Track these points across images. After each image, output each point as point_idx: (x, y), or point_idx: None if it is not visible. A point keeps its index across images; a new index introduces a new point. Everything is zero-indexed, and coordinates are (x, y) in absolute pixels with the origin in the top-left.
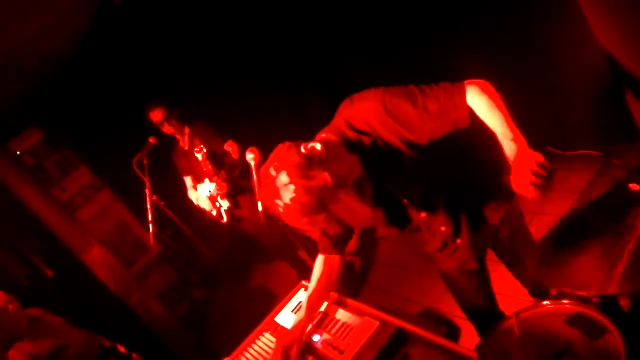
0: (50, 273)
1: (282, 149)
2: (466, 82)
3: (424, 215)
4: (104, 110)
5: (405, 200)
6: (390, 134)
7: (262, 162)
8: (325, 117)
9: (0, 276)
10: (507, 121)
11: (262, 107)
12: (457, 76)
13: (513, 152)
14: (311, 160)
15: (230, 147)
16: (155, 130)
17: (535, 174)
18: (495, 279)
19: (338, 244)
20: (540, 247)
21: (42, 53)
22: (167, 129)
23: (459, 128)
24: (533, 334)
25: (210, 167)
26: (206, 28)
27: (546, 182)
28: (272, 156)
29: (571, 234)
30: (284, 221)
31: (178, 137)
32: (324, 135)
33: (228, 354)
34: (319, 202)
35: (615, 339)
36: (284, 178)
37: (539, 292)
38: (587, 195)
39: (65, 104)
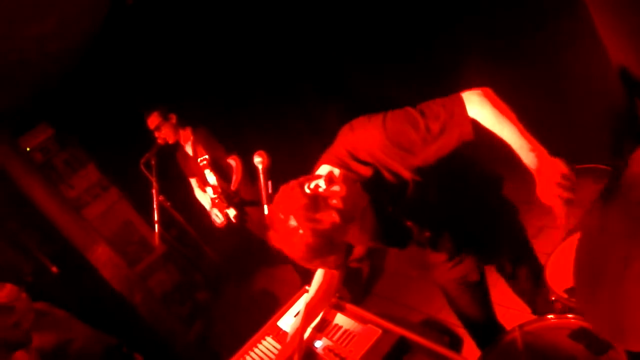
0: (54, 269)
1: (287, 191)
2: (462, 93)
3: (428, 234)
4: (114, 109)
5: (410, 223)
6: (395, 162)
7: (269, 165)
8: (334, 122)
9: (5, 271)
10: (518, 130)
11: (271, 111)
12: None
13: (534, 163)
14: (316, 200)
15: (234, 161)
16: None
17: (561, 185)
18: (498, 291)
19: (337, 266)
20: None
21: (54, 51)
22: (160, 136)
23: (465, 141)
24: (536, 347)
25: (215, 184)
26: (217, 32)
27: (572, 193)
28: (277, 198)
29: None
30: (297, 263)
31: (181, 142)
32: (325, 166)
33: (229, 356)
34: (328, 243)
35: (618, 355)
36: (292, 222)
37: (541, 311)
38: (593, 210)
39: (76, 102)
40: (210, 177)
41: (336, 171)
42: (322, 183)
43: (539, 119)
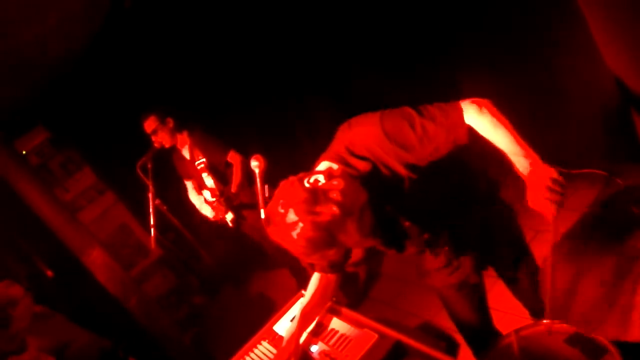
0: (49, 273)
1: (286, 185)
2: (461, 101)
3: (426, 236)
4: (110, 112)
5: (407, 223)
6: (391, 158)
7: (266, 169)
8: (332, 126)
9: (0, 275)
10: (513, 137)
11: (268, 114)
12: (465, 94)
13: (526, 168)
14: (316, 194)
15: (233, 160)
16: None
17: (550, 190)
18: (494, 295)
19: (335, 267)
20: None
21: (51, 54)
22: (156, 140)
23: (458, 145)
24: (532, 352)
25: (213, 187)
26: (215, 35)
27: (561, 197)
28: (276, 193)
29: (573, 256)
30: (297, 257)
31: (178, 146)
32: (324, 162)
33: None
34: (328, 236)
35: None
36: (292, 215)
37: (539, 313)
38: (588, 215)
39: (72, 105)
40: (208, 181)
41: (335, 167)
42: (321, 178)
43: (534, 124)
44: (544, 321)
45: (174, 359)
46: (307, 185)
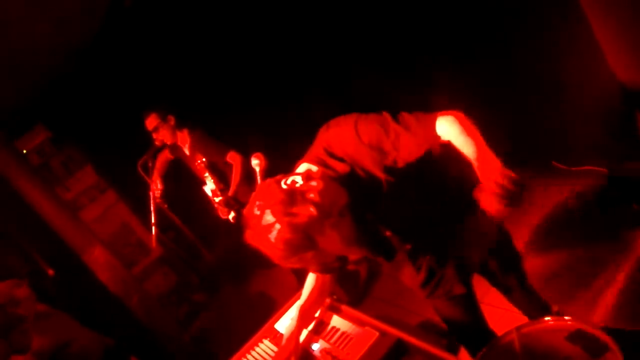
0: (50, 272)
1: (263, 187)
2: (438, 113)
3: (408, 247)
4: (110, 111)
5: (388, 233)
6: (367, 160)
7: (267, 167)
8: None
9: (1, 273)
10: (476, 144)
11: (269, 112)
12: (464, 94)
13: (481, 169)
14: (293, 195)
15: (233, 160)
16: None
17: (500, 186)
18: (494, 293)
19: (329, 270)
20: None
21: (51, 54)
22: (158, 138)
23: (432, 153)
24: (533, 349)
25: (213, 188)
26: (216, 34)
27: (511, 196)
28: (253, 195)
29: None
30: (273, 260)
31: (179, 144)
32: (304, 164)
33: (226, 358)
34: (305, 239)
35: (616, 357)
36: (268, 217)
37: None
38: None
39: (73, 104)
40: (209, 182)
41: (314, 168)
42: (298, 179)
43: (535, 123)
44: (546, 318)
45: (175, 357)
46: (284, 186)
